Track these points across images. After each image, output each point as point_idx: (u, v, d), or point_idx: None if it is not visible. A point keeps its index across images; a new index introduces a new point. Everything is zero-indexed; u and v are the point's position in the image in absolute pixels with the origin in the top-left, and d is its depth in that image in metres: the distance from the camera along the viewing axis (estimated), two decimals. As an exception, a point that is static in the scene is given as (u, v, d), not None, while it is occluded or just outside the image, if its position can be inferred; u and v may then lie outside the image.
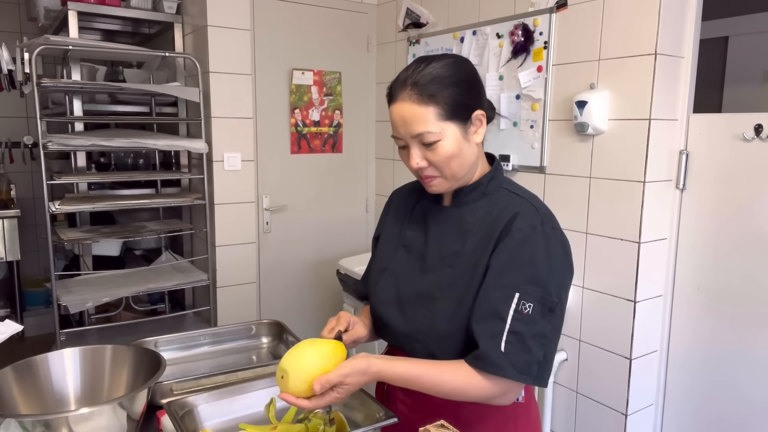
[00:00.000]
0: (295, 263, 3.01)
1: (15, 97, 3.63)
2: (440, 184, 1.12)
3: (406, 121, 1.07)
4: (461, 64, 1.10)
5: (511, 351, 1.02)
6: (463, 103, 1.08)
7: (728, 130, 1.85)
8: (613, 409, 2.04)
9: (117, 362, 1.23)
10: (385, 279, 1.24)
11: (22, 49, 2.23)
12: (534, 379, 1.03)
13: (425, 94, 1.05)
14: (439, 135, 1.06)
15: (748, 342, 1.85)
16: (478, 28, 2.45)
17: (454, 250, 1.14)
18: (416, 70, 1.07)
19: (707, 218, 1.93)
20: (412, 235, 1.23)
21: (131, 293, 2.45)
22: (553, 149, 2.19)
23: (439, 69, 1.07)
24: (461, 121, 1.08)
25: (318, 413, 1.20)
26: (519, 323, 1.02)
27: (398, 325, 1.19)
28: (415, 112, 1.06)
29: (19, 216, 3.21)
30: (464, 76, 1.09)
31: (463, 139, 1.09)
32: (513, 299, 1.03)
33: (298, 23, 2.85)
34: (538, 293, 1.04)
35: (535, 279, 1.04)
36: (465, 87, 1.08)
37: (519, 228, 1.07)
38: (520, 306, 1.03)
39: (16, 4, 3.98)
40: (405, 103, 1.06)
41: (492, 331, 1.03)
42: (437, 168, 1.10)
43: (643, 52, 1.87)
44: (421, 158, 1.09)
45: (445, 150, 1.07)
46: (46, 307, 3.93)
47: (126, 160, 3.15)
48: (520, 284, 1.04)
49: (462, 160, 1.10)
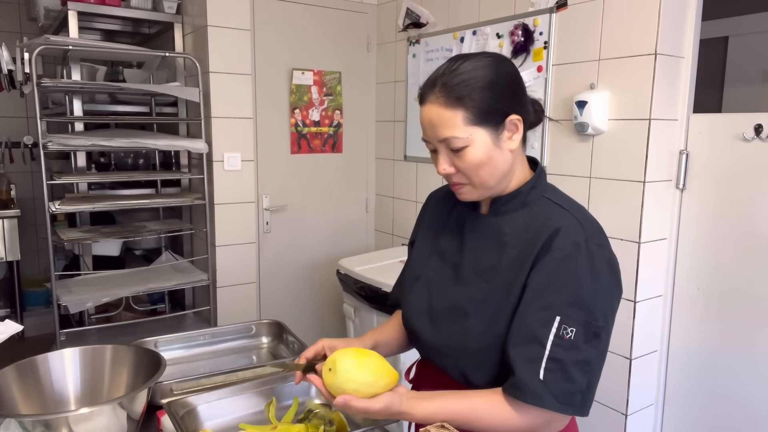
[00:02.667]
0: (295, 263, 3.01)
1: (15, 97, 3.63)
2: (469, 192, 1.05)
3: (433, 124, 1.00)
4: (498, 64, 1.01)
5: (551, 379, 0.94)
6: (495, 107, 0.99)
7: (728, 130, 1.85)
8: (613, 409, 2.04)
9: (117, 362, 1.23)
10: (418, 288, 1.17)
11: (22, 49, 2.23)
12: (576, 409, 0.96)
13: (453, 97, 0.98)
14: (466, 141, 0.99)
15: (748, 342, 1.85)
16: (478, 28, 2.45)
17: (489, 264, 1.06)
18: (448, 69, 1.00)
19: (707, 218, 1.93)
20: (447, 243, 1.16)
21: (131, 293, 2.45)
22: (553, 149, 2.19)
23: (471, 69, 0.99)
24: (492, 127, 1.00)
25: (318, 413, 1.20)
26: (560, 349, 0.94)
27: (429, 338, 1.13)
28: (442, 115, 0.99)
29: (19, 216, 3.21)
30: (498, 78, 1.00)
31: (494, 145, 1.00)
32: (553, 323, 0.95)
33: (298, 23, 2.85)
34: (582, 317, 0.95)
35: (578, 301, 0.96)
36: (498, 89, 1.00)
37: (560, 246, 0.97)
38: (561, 330, 0.95)
39: (16, 4, 3.98)
40: (432, 106, 1.00)
41: (530, 356, 0.95)
42: (465, 175, 1.02)
43: (643, 52, 1.87)
44: (449, 164, 1.02)
45: (473, 157, 1.00)
46: (46, 307, 3.93)
47: (126, 160, 3.15)
48: (562, 307, 0.95)
49: (492, 168, 1.02)
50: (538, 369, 0.94)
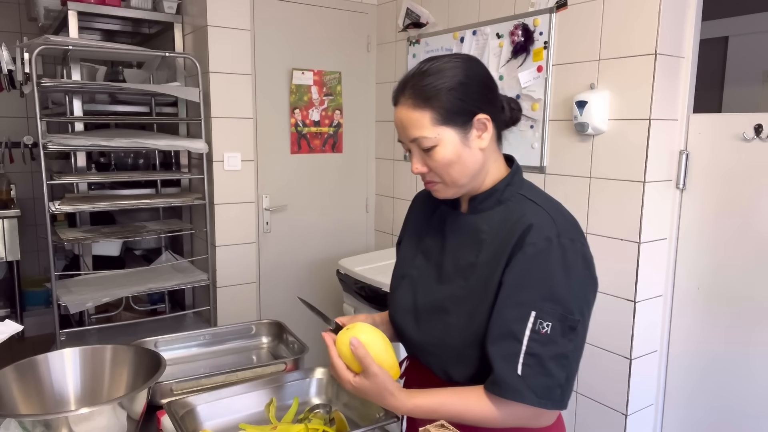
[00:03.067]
0: (295, 263, 3.01)
1: (15, 97, 3.63)
2: (442, 190, 1.08)
3: (404, 125, 1.04)
4: (465, 65, 1.04)
5: (530, 374, 0.96)
6: (462, 107, 1.02)
7: (728, 130, 1.85)
8: (613, 409, 2.04)
9: (117, 362, 1.23)
10: (403, 286, 1.20)
11: (22, 49, 2.23)
12: (555, 403, 0.97)
13: (421, 98, 1.01)
14: (435, 140, 1.02)
15: (748, 342, 1.85)
16: (478, 28, 2.45)
17: (468, 261, 1.08)
18: (417, 71, 1.04)
19: (707, 218, 1.93)
20: (430, 243, 1.18)
21: (131, 293, 2.45)
22: (553, 149, 2.19)
23: (438, 71, 1.02)
24: (460, 126, 1.02)
25: (318, 413, 1.20)
26: (537, 344, 0.96)
27: (413, 336, 1.16)
28: (411, 116, 1.02)
29: (19, 216, 3.21)
30: (465, 78, 1.03)
31: (463, 144, 1.03)
32: (529, 318, 0.96)
33: (298, 23, 2.85)
34: (557, 311, 0.96)
35: (553, 296, 0.97)
36: (465, 90, 1.02)
37: (532, 241, 0.99)
38: (537, 325, 0.96)
39: (16, 4, 3.98)
40: (403, 108, 1.03)
41: (507, 353, 0.97)
42: (437, 174, 1.05)
43: (643, 52, 1.87)
44: (422, 164, 1.05)
45: (443, 156, 1.03)
46: (46, 307, 3.93)
47: (126, 160, 3.15)
48: (537, 302, 0.97)
49: (462, 166, 1.04)
50: (516, 365, 0.96)
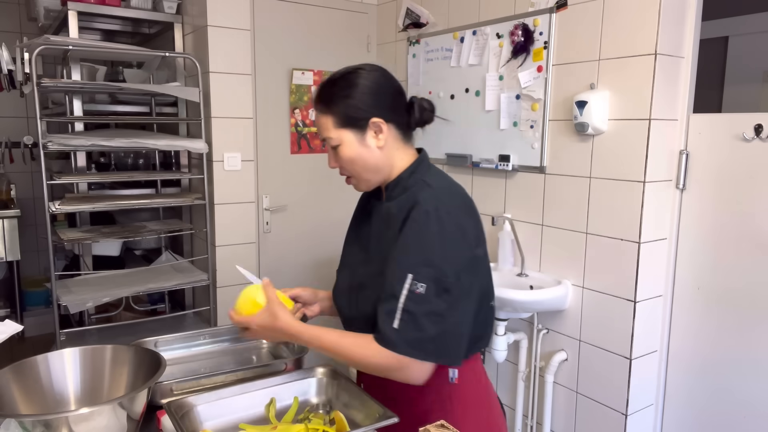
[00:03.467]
0: (295, 263, 3.01)
1: (15, 97, 3.63)
2: (355, 183, 1.27)
3: (318, 127, 1.23)
4: (368, 75, 1.21)
5: (404, 328, 1.09)
6: (356, 113, 1.19)
7: (728, 130, 1.85)
8: (613, 409, 2.04)
9: (117, 362, 1.23)
10: (343, 274, 1.37)
11: (22, 49, 2.23)
12: (430, 355, 1.10)
13: (325, 104, 1.20)
14: (337, 141, 1.20)
15: (748, 342, 1.85)
16: (478, 28, 2.45)
17: (382, 242, 1.24)
18: (327, 81, 1.21)
19: (707, 218, 1.93)
20: (363, 231, 1.36)
21: (131, 293, 2.45)
22: (553, 149, 2.19)
23: (339, 81, 1.20)
24: (357, 129, 1.19)
25: (318, 413, 1.20)
26: (411, 302, 1.09)
27: (345, 313, 1.32)
28: (320, 120, 1.22)
29: (19, 216, 3.21)
30: (361, 87, 1.19)
31: (360, 144, 1.20)
32: (406, 280, 1.10)
33: (298, 23, 2.85)
34: (432, 274, 1.10)
35: (428, 261, 1.10)
36: (361, 97, 1.19)
37: (414, 216, 1.14)
38: (413, 286, 1.10)
39: (16, 4, 3.98)
40: (315, 112, 1.23)
41: (388, 310, 1.11)
42: (345, 169, 1.24)
43: (643, 52, 1.87)
44: (333, 160, 1.24)
45: (345, 154, 1.21)
46: (46, 307, 3.93)
47: (126, 160, 3.15)
48: (414, 266, 1.11)
49: (363, 163, 1.21)
50: (393, 319, 1.10)
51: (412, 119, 1.26)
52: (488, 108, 2.43)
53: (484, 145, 2.46)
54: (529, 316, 2.27)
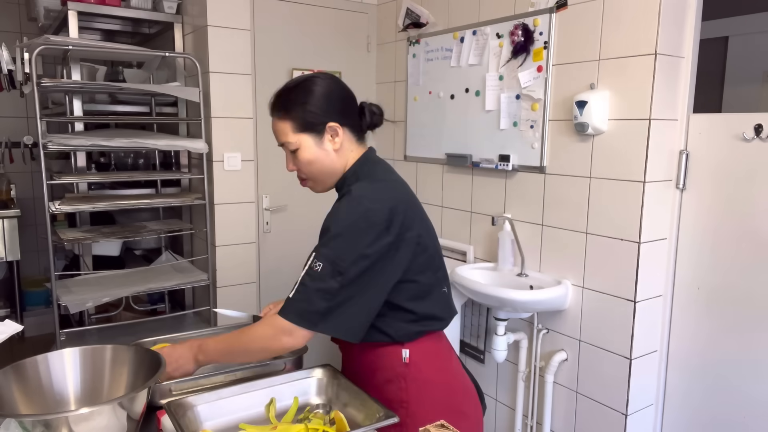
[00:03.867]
0: (295, 263, 3.00)
1: (15, 97, 3.63)
2: (312, 185, 1.35)
3: (275, 132, 1.30)
4: (323, 83, 1.30)
5: (297, 299, 1.21)
6: (313, 118, 1.27)
7: (728, 130, 1.85)
8: (613, 409, 2.04)
9: (117, 362, 1.23)
10: None
11: (22, 49, 2.23)
12: (309, 324, 1.20)
13: (284, 110, 1.28)
14: (296, 145, 1.27)
15: (748, 342, 1.85)
16: (478, 28, 2.45)
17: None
18: (284, 88, 1.29)
19: (707, 218, 1.93)
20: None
21: (131, 293, 2.45)
22: (553, 149, 2.19)
23: (295, 89, 1.28)
24: (315, 133, 1.28)
25: (318, 413, 1.20)
26: (308, 278, 1.21)
27: None
28: (278, 126, 1.29)
29: (19, 216, 3.21)
30: (316, 94, 1.28)
31: (318, 147, 1.28)
32: (311, 258, 1.23)
33: (298, 23, 2.85)
34: (330, 255, 1.20)
35: (329, 243, 1.21)
36: (317, 103, 1.27)
37: (333, 207, 1.27)
38: (314, 263, 1.21)
39: (16, 4, 3.98)
40: (273, 118, 1.30)
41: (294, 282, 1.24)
42: (303, 172, 1.32)
43: (643, 52, 1.87)
44: (292, 163, 1.31)
45: (304, 157, 1.29)
46: (46, 307, 3.93)
47: (126, 160, 3.15)
48: (319, 247, 1.23)
49: (321, 165, 1.30)
50: (292, 290, 1.22)
51: (364, 123, 1.36)
52: (488, 108, 2.43)
53: (484, 145, 2.46)
54: (529, 316, 2.27)
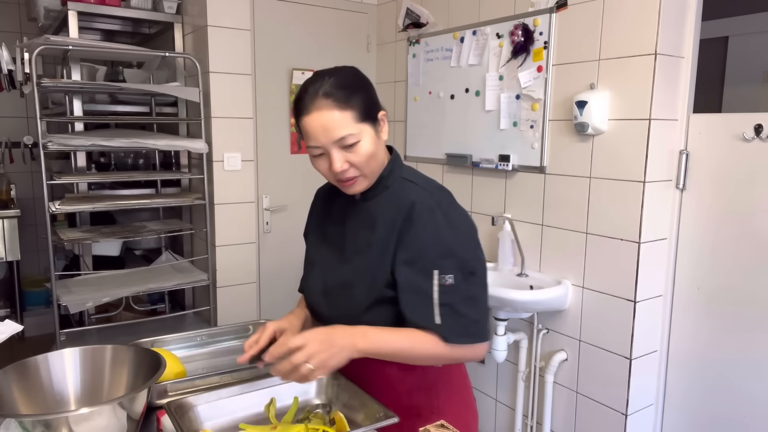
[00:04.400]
0: (295, 263, 2.99)
1: (15, 97, 3.63)
2: (361, 182, 1.22)
3: (327, 127, 1.14)
4: (359, 73, 1.22)
5: (447, 321, 1.13)
6: (371, 105, 1.19)
7: (728, 130, 1.85)
8: (613, 409, 2.04)
9: (117, 362, 1.22)
10: (313, 273, 1.37)
11: (22, 49, 2.24)
12: (477, 337, 1.15)
13: (342, 99, 1.14)
14: (358, 136, 1.15)
15: (748, 342, 1.85)
16: (478, 28, 2.45)
17: (365, 241, 1.24)
18: (324, 81, 1.15)
19: (707, 218, 1.93)
20: (332, 230, 1.35)
21: (131, 293, 2.45)
22: (553, 149, 2.19)
23: (345, 78, 1.17)
24: (373, 122, 1.18)
25: (318, 413, 1.20)
26: (446, 295, 1.14)
27: (325, 312, 1.31)
28: (333, 117, 1.13)
29: (19, 216, 3.21)
30: (366, 83, 1.20)
31: (377, 137, 1.19)
32: (434, 277, 1.14)
33: (298, 23, 2.85)
34: (455, 263, 1.14)
35: (448, 252, 1.14)
36: (369, 91, 1.20)
37: (418, 214, 1.17)
38: (442, 280, 1.13)
39: (16, 4, 3.98)
40: (323, 111, 1.13)
41: (424, 310, 1.14)
42: (358, 168, 1.18)
43: (643, 52, 1.87)
44: (343, 161, 1.17)
45: (365, 150, 1.16)
46: (46, 307, 3.93)
47: (126, 160, 3.15)
48: (436, 262, 1.14)
49: (377, 157, 1.20)
50: (433, 316, 1.14)
51: None
52: (488, 108, 2.43)
53: (484, 145, 2.46)
54: (529, 316, 2.27)
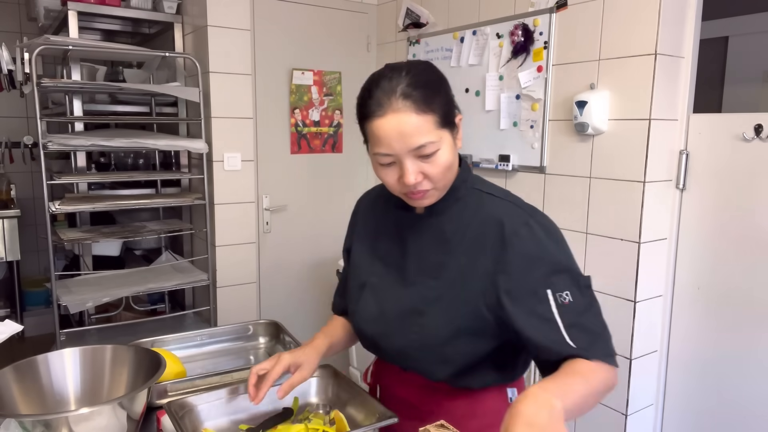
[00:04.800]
0: (294, 263, 3.01)
1: (15, 97, 3.63)
2: (433, 196, 1.05)
3: (404, 133, 0.96)
4: (436, 69, 1.05)
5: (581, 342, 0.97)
6: (451, 109, 1.02)
7: (728, 130, 1.85)
8: (613, 409, 2.04)
9: (117, 362, 1.22)
10: (365, 296, 1.18)
11: (22, 49, 2.23)
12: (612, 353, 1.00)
13: (422, 102, 0.96)
14: (438, 144, 0.98)
15: (748, 342, 1.85)
16: (478, 28, 2.45)
17: (435, 261, 1.08)
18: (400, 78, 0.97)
19: (707, 218, 1.92)
20: (387, 247, 1.17)
21: (131, 293, 2.45)
22: (553, 149, 2.19)
23: (425, 75, 0.99)
24: (451, 128, 1.02)
25: (318, 413, 1.20)
26: (568, 314, 0.98)
27: (388, 344, 1.14)
28: (414, 122, 0.95)
29: (19, 216, 3.21)
30: (444, 82, 1.03)
31: (454, 146, 1.03)
32: (549, 298, 0.98)
33: (298, 23, 2.85)
34: (568, 279, 1.00)
35: (557, 267, 1.01)
36: (448, 92, 1.03)
37: (514, 232, 1.02)
38: (558, 299, 0.98)
39: (16, 4, 3.98)
40: (400, 114, 0.95)
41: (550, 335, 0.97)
42: (432, 180, 1.01)
43: (643, 52, 1.87)
44: (417, 173, 0.99)
45: (444, 159, 1.00)
46: (46, 307, 3.93)
47: (126, 160, 3.15)
48: (546, 280, 0.99)
49: (454, 168, 1.04)
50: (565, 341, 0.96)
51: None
52: (488, 108, 2.43)
53: (484, 145, 2.46)
54: (529, 316, 2.27)
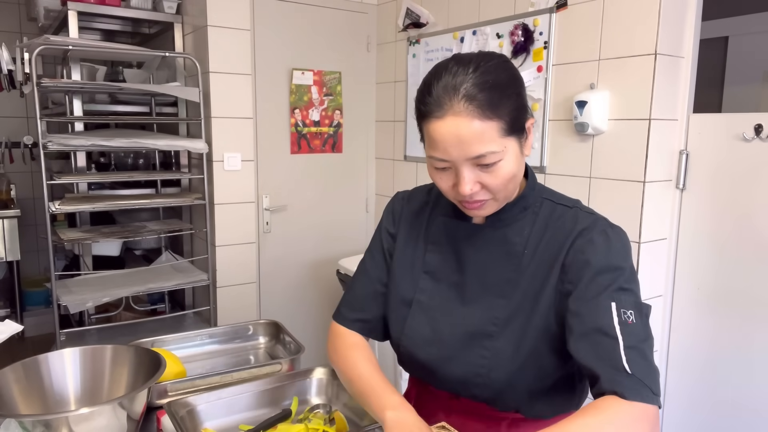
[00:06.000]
0: (295, 263, 3.01)
1: (15, 97, 3.63)
2: (491, 207, 0.95)
3: (463, 140, 0.85)
4: (510, 65, 0.92)
5: (638, 369, 0.84)
6: (522, 113, 0.90)
7: (728, 130, 1.85)
8: (613, 409, 2.04)
9: (117, 362, 1.22)
10: (413, 315, 1.05)
11: (22, 49, 2.23)
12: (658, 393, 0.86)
13: (488, 106, 0.85)
14: (500, 155, 0.87)
15: (749, 342, 1.85)
16: (478, 28, 2.45)
17: (504, 278, 0.98)
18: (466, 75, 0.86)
19: (707, 218, 1.93)
20: (437, 260, 1.05)
21: (131, 293, 2.45)
22: (553, 149, 2.19)
23: (495, 73, 0.87)
24: (519, 134, 0.91)
25: (318, 413, 1.20)
26: (630, 337, 0.86)
27: (447, 371, 1.02)
28: (476, 128, 0.85)
29: (19, 216, 3.21)
30: (519, 81, 0.92)
31: (521, 155, 0.92)
32: (612, 311, 0.88)
33: (298, 23, 2.85)
34: (632, 299, 0.91)
35: (625, 285, 0.91)
36: (521, 93, 0.91)
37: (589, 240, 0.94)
38: (622, 317, 0.88)
39: (16, 4, 3.98)
40: (460, 118, 0.85)
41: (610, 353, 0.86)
42: (491, 191, 0.91)
43: (643, 52, 1.87)
44: (475, 183, 0.90)
45: (507, 171, 0.89)
46: (46, 307, 3.93)
47: (126, 160, 3.15)
48: (613, 292, 0.90)
49: (517, 179, 0.93)
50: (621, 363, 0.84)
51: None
52: (488, 108, 2.42)
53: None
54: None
